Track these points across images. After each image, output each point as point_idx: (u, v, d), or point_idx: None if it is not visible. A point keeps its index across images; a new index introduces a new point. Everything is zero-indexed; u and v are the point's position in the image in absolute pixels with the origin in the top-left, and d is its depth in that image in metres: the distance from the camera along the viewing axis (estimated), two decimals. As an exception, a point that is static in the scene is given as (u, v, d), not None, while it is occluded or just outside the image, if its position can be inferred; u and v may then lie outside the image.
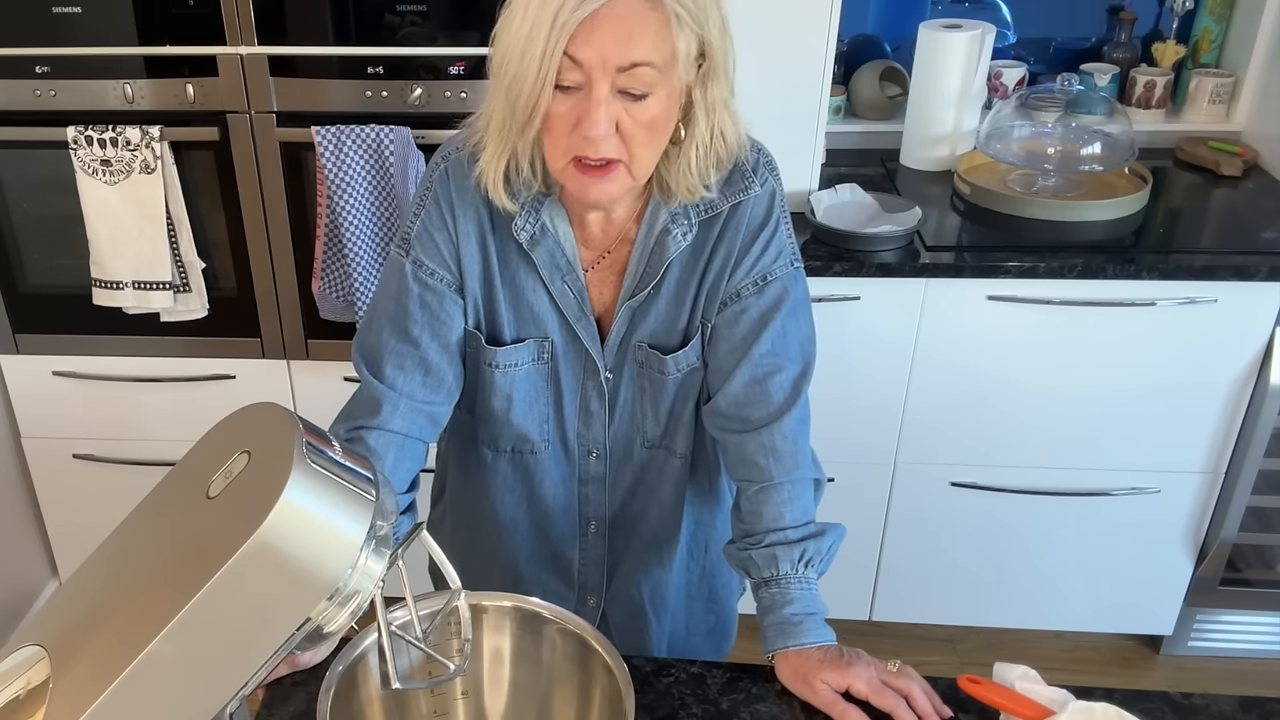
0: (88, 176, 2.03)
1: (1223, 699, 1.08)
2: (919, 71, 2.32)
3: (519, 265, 1.17)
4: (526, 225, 1.13)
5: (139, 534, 0.76)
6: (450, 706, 1.07)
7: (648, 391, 1.24)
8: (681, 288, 1.18)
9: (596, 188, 1.04)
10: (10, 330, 2.25)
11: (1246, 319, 2.01)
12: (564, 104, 0.99)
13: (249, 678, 0.70)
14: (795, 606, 1.13)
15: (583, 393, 1.24)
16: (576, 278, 1.17)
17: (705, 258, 1.17)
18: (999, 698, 1.04)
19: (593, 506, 1.32)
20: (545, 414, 1.25)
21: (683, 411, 1.26)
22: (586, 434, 1.26)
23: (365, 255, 2.03)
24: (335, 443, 0.74)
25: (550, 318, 1.19)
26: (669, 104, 1.01)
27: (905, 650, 2.42)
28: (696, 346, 1.21)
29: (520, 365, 1.21)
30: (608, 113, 0.98)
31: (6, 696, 0.69)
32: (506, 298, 1.19)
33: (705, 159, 1.09)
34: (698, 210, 1.14)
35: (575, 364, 1.22)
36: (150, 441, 2.34)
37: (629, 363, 1.22)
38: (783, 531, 1.16)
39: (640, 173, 1.05)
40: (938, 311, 2.05)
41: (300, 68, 1.97)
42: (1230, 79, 2.42)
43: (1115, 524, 2.24)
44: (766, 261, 1.18)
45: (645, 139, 1.02)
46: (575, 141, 1.00)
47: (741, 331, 1.18)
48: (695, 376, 1.24)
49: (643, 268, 1.16)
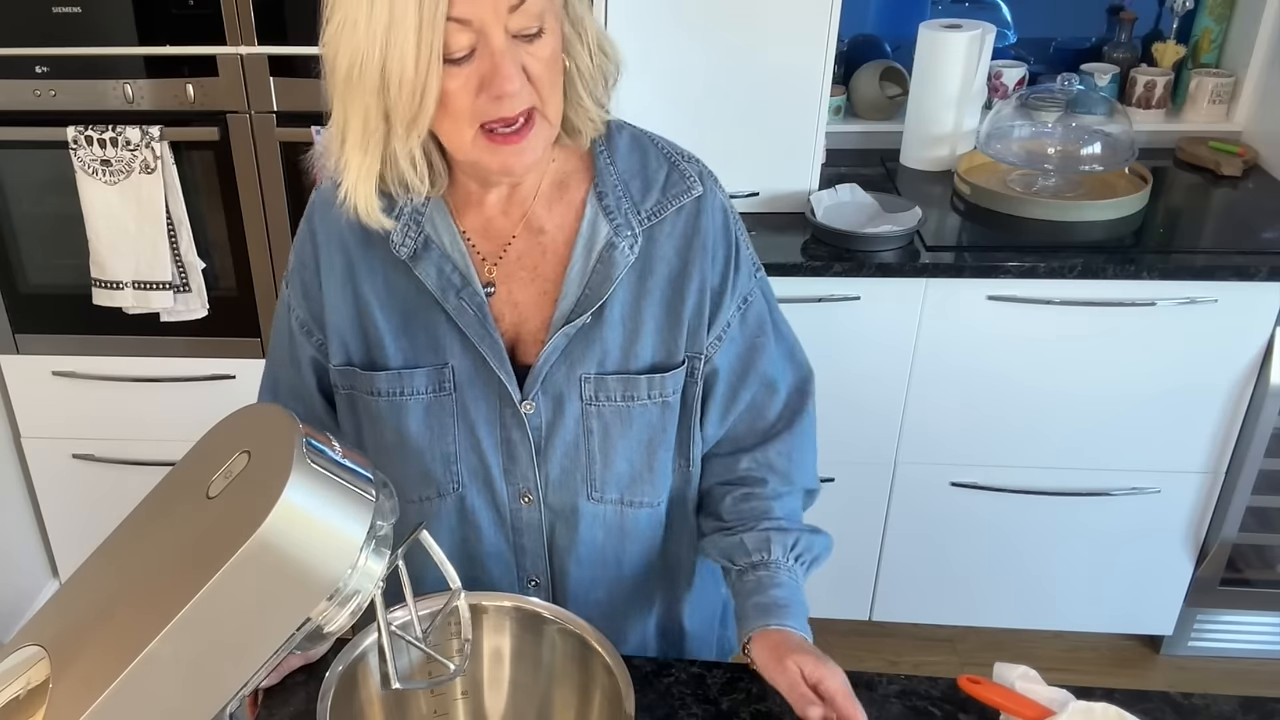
0: (88, 176, 2.03)
1: (1223, 699, 1.08)
2: (919, 71, 2.32)
3: (406, 287, 1.06)
4: (406, 240, 1.03)
5: (139, 534, 0.76)
6: (450, 706, 1.06)
7: (597, 434, 1.09)
8: (634, 307, 1.07)
9: (518, 154, 0.95)
10: (10, 330, 2.25)
11: (1246, 319, 2.01)
12: (456, 77, 0.90)
13: (249, 678, 0.70)
14: (783, 591, 1.08)
15: (501, 423, 1.09)
16: (474, 292, 1.05)
17: (669, 275, 1.07)
18: (999, 698, 1.04)
19: (530, 559, 1.16)
20: (451, 452, 1.10)
21: (649, 460, 1.12)
22: (514, 469, 1.10)
23: (365, 255, 2.03)
24: (335, 442, 0.74)
25: (449, 341, 1.06)
26: (558, 33, 0.94)
27: (905, 650, 2.43)
28: (677, 378, 1.09)
29: (412, 395, 1.08)
30: (514, 61, 0.90)
31: (6, 696, 0.69)
32: (391, 327, 1.07)
33: (595, 79, 1.01)
34: (640, 219, 1.05)
35: (486, 391, 1.08)
36: (150, 441, 2.34)
37: (569, 399, 1.08)
38: (776, 520, 1.13)
39: (555, 115, 0.97)
40: (938, 311, 2.05)
41: (300, 68, 1.97)
42: (1230, 79, 2.42)
43: (1115, 524, 2.24)
44: (743, 284, 1.11)
45: (552, 79, 0.94)
46: (483, 107, 0.92)
47: (732, 364, 1.12)
48: (666, 416, 1.11)
49: (582, 289, 1.05)
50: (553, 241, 1.07)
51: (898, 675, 1.12)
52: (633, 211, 1.05)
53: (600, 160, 1.07)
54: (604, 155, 1.07)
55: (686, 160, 1.09)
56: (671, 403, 1.10)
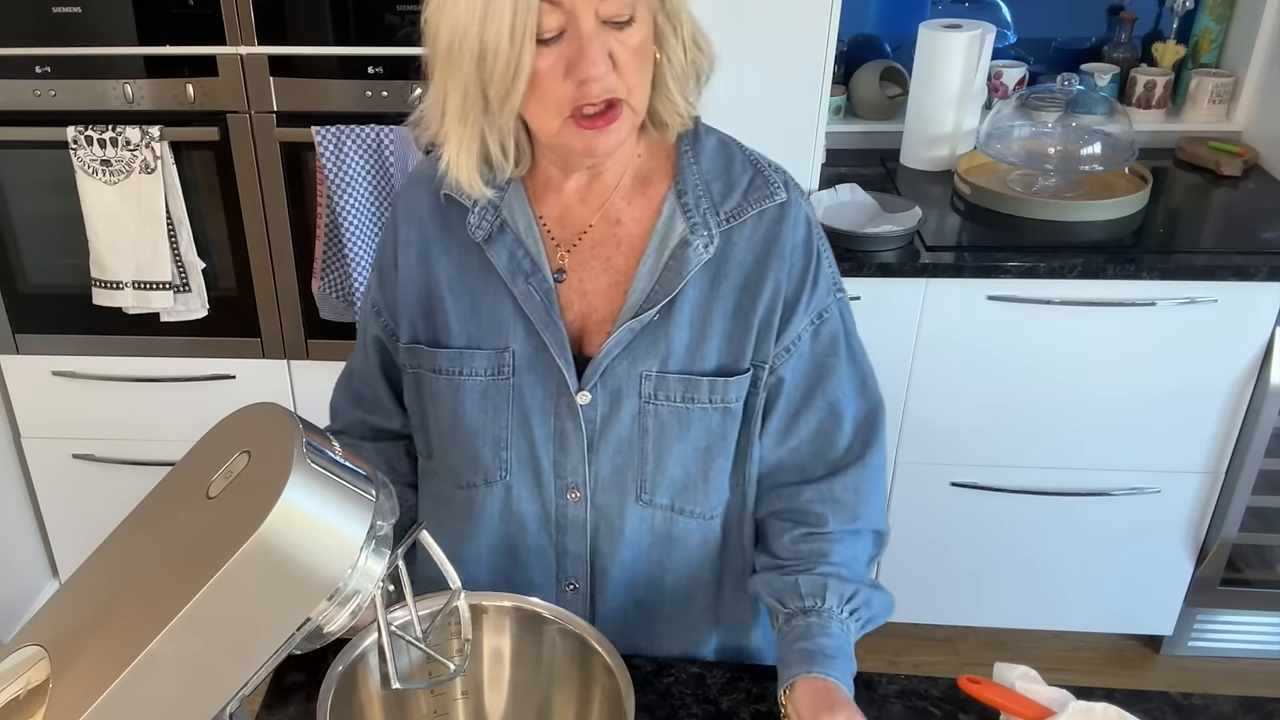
0: (88, 176, 2.03)
1: (1223, 699, 1.08)
2: (919, 71, 2.32)
3: (478, 270, 1.08)
4: (483, 223, 1.06)
5: (139, 534, 0.76)
6: (450, 706, 1.06)
7: (652, 433, 1.08)
8: (704, 309, 1.06)
9: (603, 138, 0.97)
10: (10, 330, 2.25)
11: (1246, 319, 2.01)
12: (546, 58, 0.93)
13: (249, 678, 0.70)
14: (832, 641, 1.03)
15: (555, 412, 1.08)
16: (543, 278, 1.06)
17: (743, 280, 1.06)
18: (999, 698, 1.04)
19: (571, 561, 1.14)
20: (502, 437, 1.10)
21: (705, 468, 1.10)
22: (564, 462, 1.10)
23: (365, 255, 2.03)
24: (335, 443, 0.74)
25: (514, 324, 1.07)
26: (650, 23, 0.96)
27: (905, 650, 2.43)
28: (741, 384, 1.08)
29: (470, 376, 1.09)
30: (601, 46, 0.92)
31: (6, 696, 0.69)
32: (458, 308, 1.09)
33: (686, 74, 1.02)
34: (719, 220, 1.05)
35: (545, 379, 1.08)
36: (150, 441, 2.34)
37: (628, 394, 1.07)
38: (836, 567, 1.08)
39: (640, 105, 0.98)
40: (938, 311, 2.05)
41: (300, 68, 1.97)
42: (1230, 79, 2.42)
43: (1115, 524, 2.24)
44: (820, 299, 1.09)
45: (639, 66, 0.96)
46: (570, 91, 0.93)
47: (798, 380, 1.10)
48: (725, 424, 1.09)
49: (653, 284, 1.05)
50: (628, 234, 1.07)
51: (898, 675, 1.12)
52: (711, 212, 1.06)
53: (684, 159, 1.08)
54: (688, 154, 1.08)
55: (773, 169, 1.10)
56: (733, 409, 1.09)
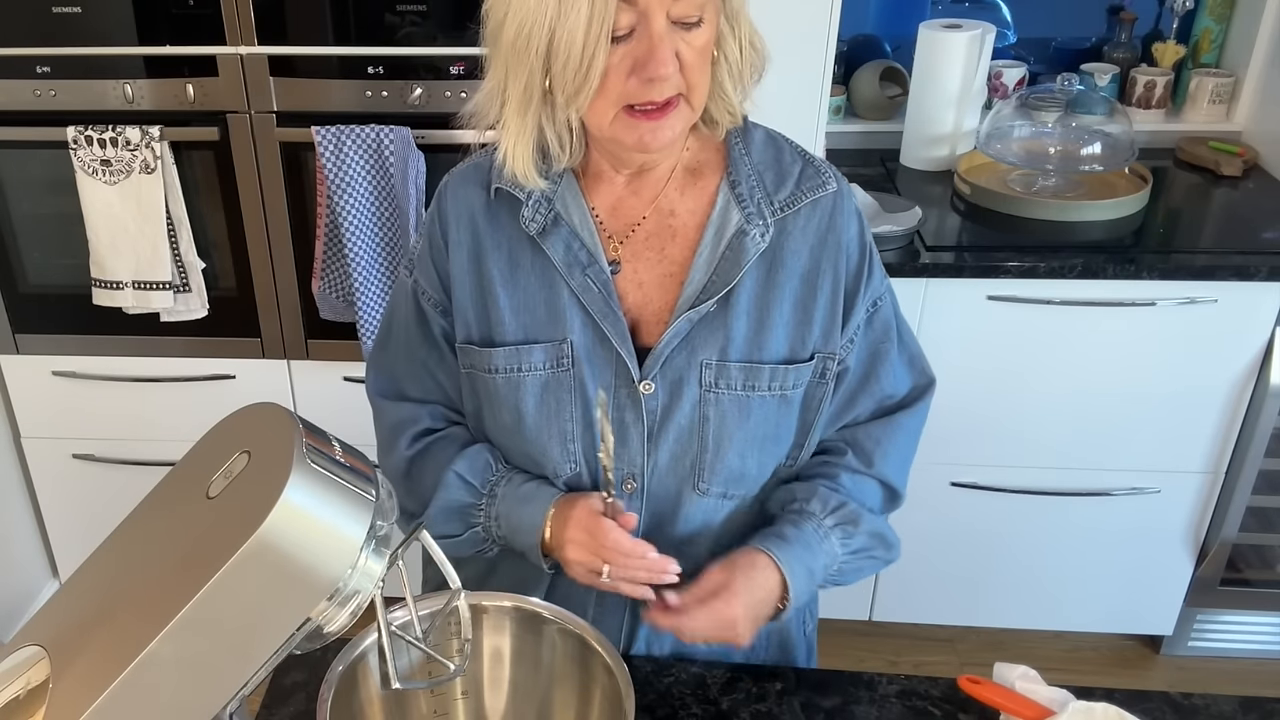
0: (88, 176, 2.03)
1: (1223, 699, 1.08)
2: (919, 71, 2.32)
3: (531, 264, 1.08)
4: (536, 216, 1.06)
5: (139, 534, 0.76)
6: (450, 706, 1.06)
7: (713, 421, 1.08)
8: (762, 298, 1.07)
9: (657, 132, 0.98)
10: (10, 330, 2.25)
11: (1246, 319, 2.01)
12: (615, 54, 0.93)
13: (249, 678, 0.70)
14: (798, 531, 1.07)
15: (615, 403, 1.08)
16: (600, 269, 1.06)
17: (800, 270, 1.07)
18: (999, 698, 1.04)
19: None
20: (568, 430, 1.09)
21: (760, 456, 1.10)
22: (623, 453, 1.09)
23: (365, 255, 2.03)
24: (335, 443, 0.74)
25: (571, 315, 1.07)
26: (715, 25, 0.97)
27: (905, 650, 2.43)
28: (801, 372, 1.09)
29: (529, 371, 1.08)
30: (670, 46, 0.93)
31: (6, 696, 0.69)
32: (512, 304, 1.09)
33: (743, 73, 1.04)
34: (773, 209, 1.07)
35: (604, 370, 1.08)
36: (150, 441, 2.34)
37: (688, 383, 1.07)
38: (836, 484, 1.12)
39: (698, 103, 0.99)
40: (938, 311, 2.05)
41: (300, 68, 1.97)
42: (1230, 79, 2.42)
43: (1115, 524, 2.24)
44: (875, 288, 1.13)
45: (702, 66, 0.97)
46: (633, 89, 0.95)
47: (855, 368, 1.13)
48: (783, 411, 1.09)
49: (710, 274, 1.06)
50: (683, 225, 1.09)
51: (898, 675, 1.12)
52: (765, 202, 1.07)
53: (735, 151, 1.09)
54: (739, 146, 1.10)
55: (821, 161, 1.12)
56: (790, 397, 1.09)
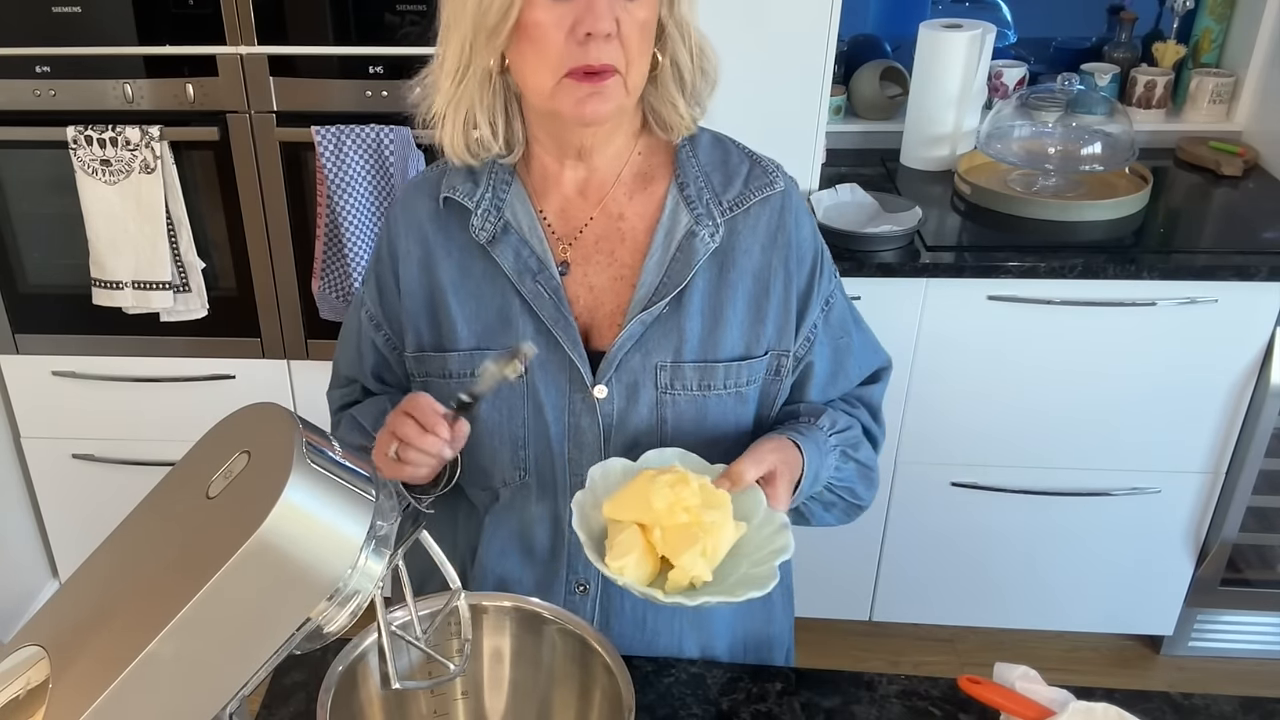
0: (88, 176, 2.03)
1: (1223, 699, 1.08)
2: (919, 71, 2.32)
3: (483, 272, 1.09)
4: (486, 225, 1.07)
5: (139, 534, 0.76)
6: (450, 706, 1.06)
7: (670, 423, 1.09)
8: (714, 298, 1.08)
9: (595, 98, 0.97)
10: (10, 330, 2.25)
11: (1246, 319, 2.01)
12: (551, 11, 0.94)
13: (249, 678, 0.70)
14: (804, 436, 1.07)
15: (570, 409, 1.09)
16: (550, 275, 1.07)
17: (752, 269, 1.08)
18: (999, 698, 1.04)
19: (583, 561, 1.12)
20: (520, 436, 1.10)
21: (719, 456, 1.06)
22: (579, 458, 1.09)
23: (365, 255, 2.03)
24: (335, 443, 0.74)
25: (523, 323, 1.08)
26: (656, 10, 0.99)
27: (905, 650, 2.43)
28: (755, 368, 1.10)
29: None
30: (609, 5, 0.94)
31: (6, 696, 0.69)
32: (464, 311, 1.10)
33: (694, 78, 1.05)
34: (722, 209, 1.08)
35: (557, 376, 1.08)
36: (150, 441, 2.34)
37: (644, 386, 1.07)
38: (836, 409, 1.16)
39: (634, 84, 1.00)
40: (938, 311, 2.05)
41: (300, 67, 1.97)
42: (1230, 79, 2.42)
43: (1115, 524, 2.24)
44: (826, 286, 1.14)
45: (640, 45, 0.98)
46: (572, 49, 0.95)
47: (825, 365, 1.16)
48: (740, 410, 1.11)
49: (661, 276, 1.07)
50: (632, 229, 1.10)
51: (898, 675, 1.12)
52: (714, 202, 1.08)
53: (682, 154, 1.10)
54: (686, 149, 1.11)
55: (767, 160, 1.14)
56: (745, 394, 1.11)
